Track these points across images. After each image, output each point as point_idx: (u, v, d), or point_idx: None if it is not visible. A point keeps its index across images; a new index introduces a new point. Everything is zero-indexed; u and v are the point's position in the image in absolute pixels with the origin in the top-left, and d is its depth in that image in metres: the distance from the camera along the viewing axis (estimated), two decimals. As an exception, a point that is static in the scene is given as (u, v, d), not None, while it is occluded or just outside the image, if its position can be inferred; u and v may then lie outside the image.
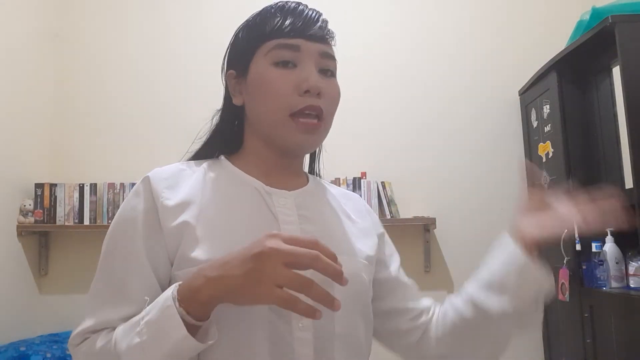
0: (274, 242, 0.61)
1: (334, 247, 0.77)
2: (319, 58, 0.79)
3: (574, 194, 0.79)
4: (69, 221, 2.42)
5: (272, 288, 0.60)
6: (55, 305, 2.49)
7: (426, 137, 2.66)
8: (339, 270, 0.61)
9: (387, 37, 2.76)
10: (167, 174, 0.78)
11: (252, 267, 0.60)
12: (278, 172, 0.83)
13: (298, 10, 0.80)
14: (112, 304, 0.71)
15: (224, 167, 0.83)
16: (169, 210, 0.74)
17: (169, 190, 0.76)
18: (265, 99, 0.78)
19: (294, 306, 0.60)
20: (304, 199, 0.82)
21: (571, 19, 2.21)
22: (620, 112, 2.01)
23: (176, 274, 0.72)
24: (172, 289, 0.64)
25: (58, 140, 2.64)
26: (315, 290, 0.60)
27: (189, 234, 0.72)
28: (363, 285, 0.81)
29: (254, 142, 0.83)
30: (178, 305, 0.63)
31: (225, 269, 0.62)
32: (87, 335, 0.71)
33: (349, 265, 0.76)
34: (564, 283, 2.16)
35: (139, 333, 0.63)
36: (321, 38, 0.80)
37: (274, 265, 0.60)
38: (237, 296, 0.63)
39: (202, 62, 2.62)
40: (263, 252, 0.60)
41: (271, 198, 0.79)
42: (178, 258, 0.72)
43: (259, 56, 0.79)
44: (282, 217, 0.77)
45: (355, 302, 0.78)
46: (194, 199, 0.76)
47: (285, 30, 0.78)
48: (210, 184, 0.79)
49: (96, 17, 2.75)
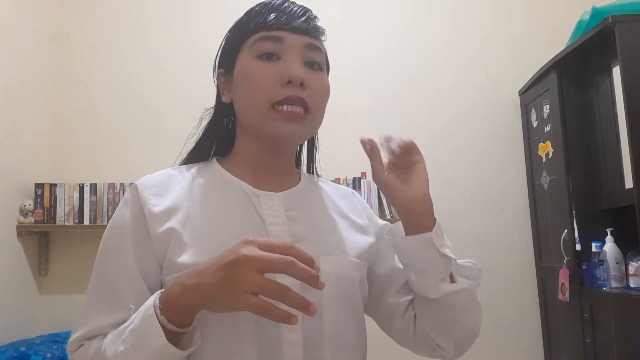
0: (247, 249, 0.61)
1: (322, 246, 0.78)
2: (304, 50, 0.78)
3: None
4: (69, 221, 2.42)
5: (245, 295, 0.60)
6: (55, 305, 2.49)
7: (426, 137, 2.66)
8: (314, 274, 0.60)
9: (387, 37, 2.76)
10: (155, 181, 0.79)
11: (225, 275, 0.61)
12: (268, 172, 0.83)
13: (283, 6, 0.80)
14: (103, 311, 0.72)
15: (214, 171, 0.83)
16: (156, 217, 0.74)
17: (157, 197, 0.77)
18: (247, 92, 0.78)
19: (268, 313, 0.60)
20: (293, 199, 0.82)
21: (571, 19, 2.21)
22: (620, 112, 2.01)
23: (165, 279, 0.73)
24: (154, 298, 0.66)
25: (58, 140, 2.64)
26: (290, 296, 0.60)
27: (176, 239, 0.73)
28: (352, 285, 0.80)
29: (243, 140, 0.84)
30: (160, 313, 0.64)
31: (200, 277, 0.63)
32: (82, 342, 0.73)
33: (336, 264, 0.78)
34: (564, 283, 2.16)
35: (124, 341, 0.65)
36: (305, 30, 0.79)
37: (247, 273, 0.60)
38: (213, 303, 0.63)
39: (201, 62, 2.60)
40: (237, 260, 0.61)
41: (259, 200, 0.79)
42: (166, 263, 0.73)
43: (244, 51, 0.79)
44: (269, 219, 0.77)
45: (344, 301, 0.78)
46: (181, 204, 0.76)
47: (268, 23, 0.78)
48: (198, 188, 0.79)
49: (96, 17, 2.75)
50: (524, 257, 2.59)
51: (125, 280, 0.73)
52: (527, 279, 2.57)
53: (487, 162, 2.66)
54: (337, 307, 0.76)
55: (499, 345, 2.52)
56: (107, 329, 0.70)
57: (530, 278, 2.57)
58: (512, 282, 2.57)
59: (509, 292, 2.56)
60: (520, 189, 2.64)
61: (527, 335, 2.55)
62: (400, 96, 2.71)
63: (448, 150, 2.65)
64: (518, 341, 2.55)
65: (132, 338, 0.65)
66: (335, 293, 0.75)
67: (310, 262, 0.61)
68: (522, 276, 2.58)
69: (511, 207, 2.63)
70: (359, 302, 0.82)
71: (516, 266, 2.58)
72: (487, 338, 2.57)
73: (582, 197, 2.17)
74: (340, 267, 0.78)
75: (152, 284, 0.73)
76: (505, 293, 2.55)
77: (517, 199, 2.64)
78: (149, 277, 0.73)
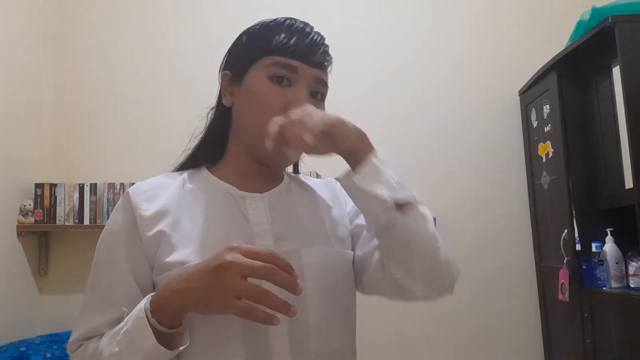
0: (232, 256, 0.66)
1: (306, 241, 0.81)
2: (313, 83, 0.83)
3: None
4: (69, 221, 2.42)
5: (230, 299, 0.65)
6: (55, 305, 2.49)
7: (426, 137, 2.66)
8: (293, 281, 0.66)
9: (387, 37, 2.76)
10: (146, 187, 0.84)
11: (212, 280, 0.66)
12: (254, 177, 0.86)
13: (305, 32, 0.83)
14: (98, 312, 0.77)
15: (202, 177, 0.87)
16: (146, 221, 0.79)
17: (147, 202, 0.81)
18: (253, 110, 0.81)
19: (252, 315, 0.65)
20: (277, 199, 0.85)
21: (571, 19, 2.20)
22: (620, 112, 2.01)
23: (156, 279, 0.78)
24: (145, 301, 0.70)
25: (58, 140, 2.64)
26: (271, 299, 0.65)
27: (165, 241, 0.77)
28: (337, 274, 0.83)
29: (235, 146, 0.87)
30: (150, 316, 0.68)
31: (188, 282, 0.68)
32: (80, 343, 0.78)
33: (319, 255, 0.81)
34: (564, 283, 2.16)
35: (118, 342, 0.70)
36: (320, 64, 0.83)
37: (232, 278, 0.65)
38: (201, 307, 0.68)
39: (201, 62, 2.62)
40: (222, 265, 0.65)
41: (244, 201, 0.83)
42: (157, 264, 0.77)
43: (258, 67, 0.82)
44: (254, 219, 0.81)
45: (328, 291, 0.80)
46: (170, 208, 0.81)
47: (288, 50, 0.81)
48: (186, 193, 0.84)
49: (96, 17, 2.75)
50: (524, 257, 2.59)
51: (118, 282, 0.77)
52: (527, 279, 2.57)
53: (487, 162, 2.66)
54: (322, 297, 0.79)
55: (499, 345, 2.52)
56: (103, 329, 0.75)
57: (530, 278, 2.57)
58: (512, 282, 2.56)
59: (509, 292, 2.56)
60: (520, 189, 2.64)
61: (527, 335, 2.55)
62: (398, 95, 2.70)
63: (448, 150, 2.65)
64: (518, 341, 2.55)
65: (125, 340, 0.69)
66: (319, 283, 0.79)
67: (289, 268, 0.67)
68: (522, 276, 2.57)
69: (511, 207, 2.63)
70: (346, 290, 0.84)
71: (516, 266, 2.58)
72: (487, 338, 2.58)
73: (582, 197, 2.16)
74: (324, 257, 0.81)
75: (144, 285, 0.78)
76: (505, 293, 2.55)
77: (517, 199, 2.63)
78: (141, 279, 0.78)
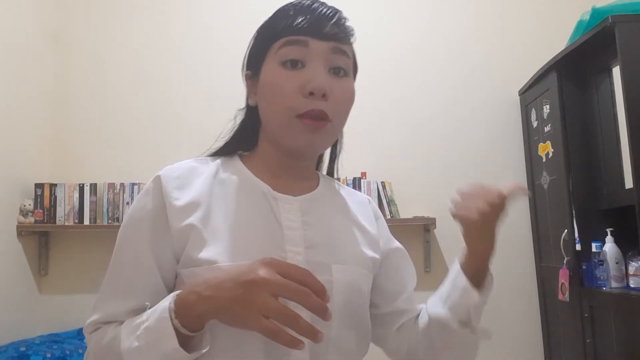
0: (265, 272, 0.63)
1: (335, 255, 0.80)
2: (330, 55, 0.77)
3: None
4: (69, 221, 2.42)
5: (258, 317, 0.62)
6: (55, 305, 2.49)
7: (426, 137, 2.66)
8: (324, 307, 0.63)
9: (386, 36, 2.76)
10: (178, 173, 0.79)
11: (241, 293, 0.63)
12: (286, 175, 0.83)
13: (312, 7, 0.78)
14: (119, 298, 0.75)
15: (236, 167, 0.84)
16: (177, 211, 0.75)
17: (179, 190, 0.77)
18: (270, 101, 0.78)
19: (278, 337, 0.62)
20: (310, 204, 0.82)
21: (571, 19, 2.21)
22: (620, 112, 2.01)
23: (181, 271, 0.74)
24: (170, 300, 0.67)
25: (58, 140, 2.64)
26: (300, 324, 0.62)
27: (195, 235, 0.74)
28: (360, 296, 0.81)
29: (265, 143, 0.84)
30: (174, 317, 0.66)
31: (216, 290, 0.64)
32: (98, 326, 0.75)
33: (348, 274, 0.79)
34: (564, 283, 2.16)
35: (138, 337, 0.67)
36: (333, 35, 0.77)
37: (262, 295, 0.62)
38: (226, 317, 0.65)
39: (201, 62, 2.63)
40: (254, 281, 0.62)
41: (277, 203, 0.80)
42: (184, 257, 0.74)
43: (270, 56, 0.79)
44: (286, 223, 0.78)
45: (351, 309, 0.79)
46: (202, 200, 0.77)
47: (295, 27, 0.76)
48: (219, 185, 0.80)
49: (96, 17, 2.75)
50: (524, 257, 2.59)
51: (140, 270, 0.74)
52: (527, 279, 2.57)
53: (487, 162, 2.66)
54: (345, 314, 0.77)
55: (499, 345, 2.52)
56: (122, 317, 0.73)
57: (530, 278, 2.57)
58: (512, 282, 2.57)
59: (509, 292, 2.56)
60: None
61: (527, 335, 2.55)
62: (401, 97, 2.71)
63: (448, 150, 2.65)
64: (518, 341, 2.55)
65: (146, 337, 0.67)
66: (344, 301, 0.77)
67: (322, 291, 0.64)
68: (522, 276, 2.58)
69: (511, 207, 2.62)
70: (365, 311, 0.84)
71: (516, 266, 2.58)
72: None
73: (582, 197, 2.17)
74: (352, 276, 0.80)
75: (166, 275, 0.75)
76: (505, 293, 2.55)
77: (517, 199, 2.63)
78: (164, 269, 0.75)
